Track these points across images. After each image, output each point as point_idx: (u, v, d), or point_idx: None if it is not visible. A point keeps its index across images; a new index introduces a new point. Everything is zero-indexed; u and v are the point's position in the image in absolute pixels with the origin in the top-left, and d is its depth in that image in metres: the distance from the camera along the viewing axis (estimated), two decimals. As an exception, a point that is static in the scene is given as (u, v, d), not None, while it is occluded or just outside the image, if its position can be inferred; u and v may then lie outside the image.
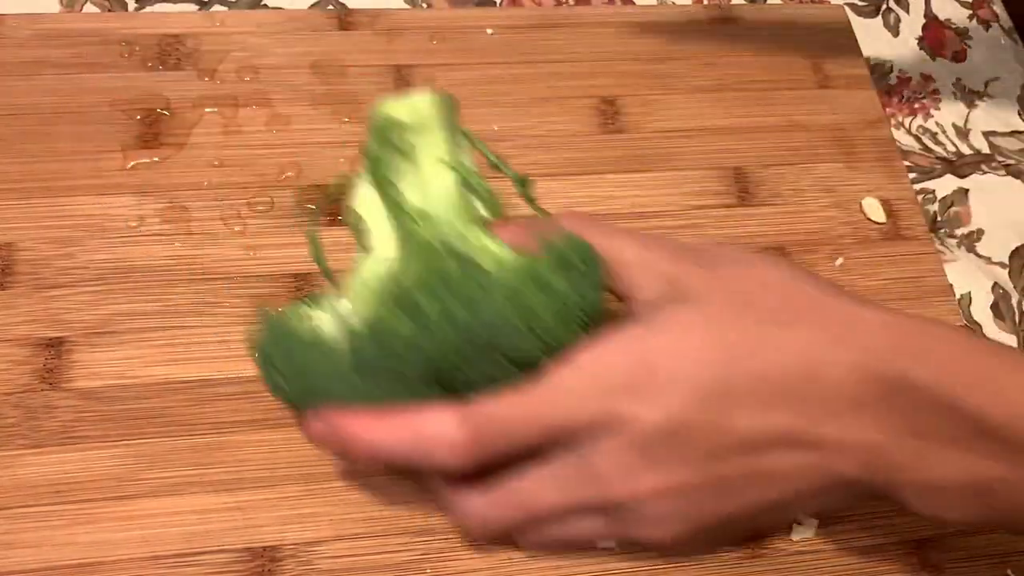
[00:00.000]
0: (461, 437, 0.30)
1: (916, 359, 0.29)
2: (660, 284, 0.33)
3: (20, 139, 0.47)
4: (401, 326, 0.30)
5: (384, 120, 0.36)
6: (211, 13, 0.53)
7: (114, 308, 0.44)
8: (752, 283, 0.32)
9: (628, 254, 0.33)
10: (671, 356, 0.31)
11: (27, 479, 0.39)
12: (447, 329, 0.30)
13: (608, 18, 0.57)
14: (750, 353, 0.30)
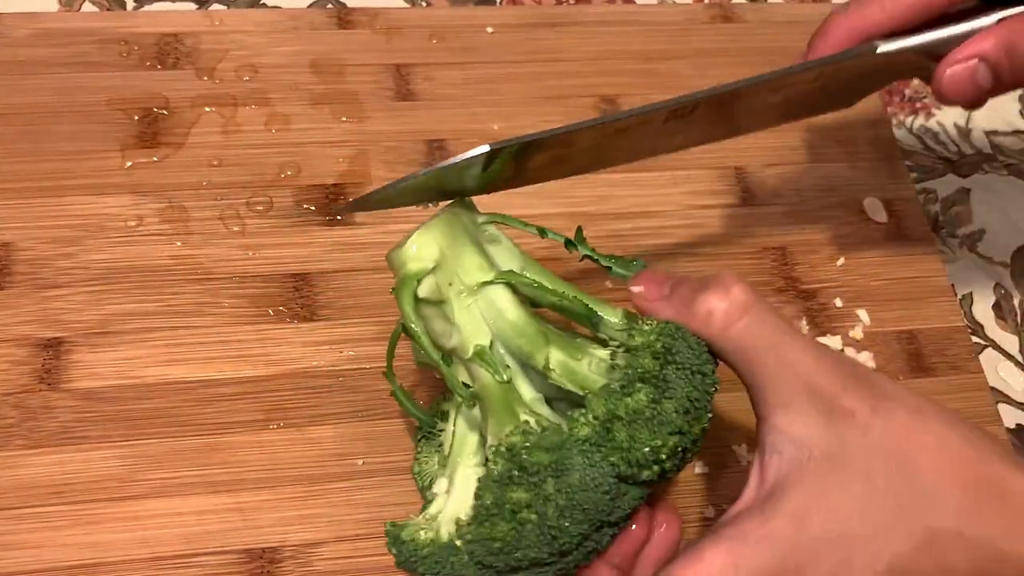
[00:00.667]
0: None
1: None
2: (809, 408, 0.28)
3: (18, 138, 0.47)
4: (497, 529, 0.30)
5: (406, 277, 0.33)
6: (210, 12, 0.53)
7: (113, 308, 0.43)
8: (920, 445, 0.28)
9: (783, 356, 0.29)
10: (827, 557, 0.27)
11: (26, 480, 0.39)
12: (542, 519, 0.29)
13: (608, 17, 0.56)
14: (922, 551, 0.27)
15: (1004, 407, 0.47)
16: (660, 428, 0.29)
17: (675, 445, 0.30)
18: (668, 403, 0.29)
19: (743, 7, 0.58)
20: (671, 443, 0.29)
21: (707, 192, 0.51)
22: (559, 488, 0.29)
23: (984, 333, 0.49)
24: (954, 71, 0.36)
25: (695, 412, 0.30)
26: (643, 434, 0.29)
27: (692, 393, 0.30)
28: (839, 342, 0.47)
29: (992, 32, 0.36)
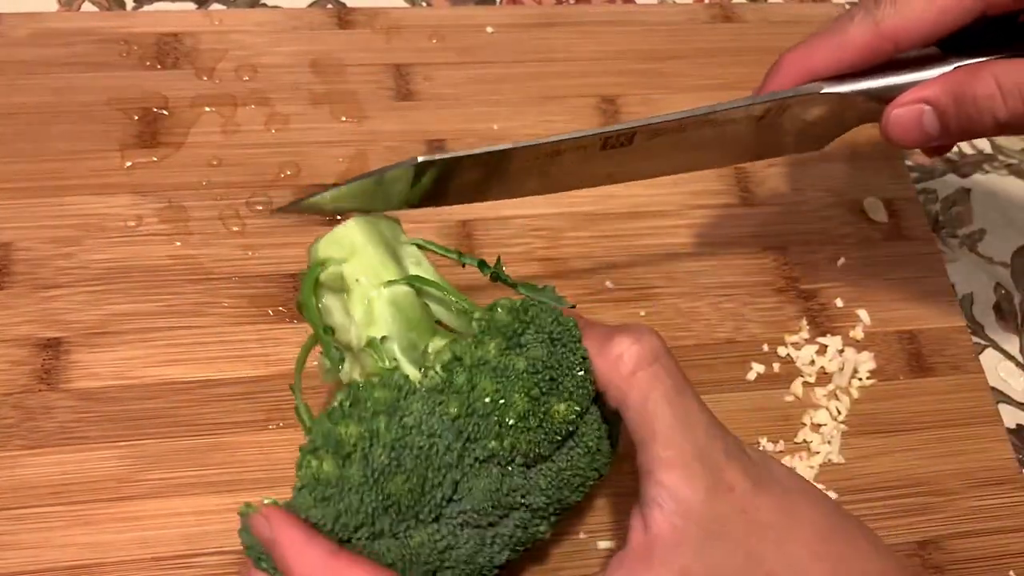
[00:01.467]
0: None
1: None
2: (698, 472, 0.28)
3: (18, 138, 0.47)
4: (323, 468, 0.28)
5: (314, 263, 0.34)
6: (209, 12, 0.53)
7: (112, 308, 0.43)
8: (795, 523, 0.29)
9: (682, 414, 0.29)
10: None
11: (26, 480, 0.39)
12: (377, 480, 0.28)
13: (609, 17, 0.56)
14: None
15: (1004, 407, 0.47)
16: (505, 380, 0.28)
17: (523, 410, 0.28)
18: (518, 359, 0.28)
19: (743, 7, 0.58)
20: (517, 403, 0.28)
21: (707, 192, 0.51)
22: (389, 426, 0.28)
23: (984, 333, 0.49)
24: (899, 113, 0.36)
25: (550, 382, 0.28)
26: (485, 382, 0.28)
27: (548, 359, 0.28)
28: (839, 342, 0.47)
29: (942, 78, 0.35)
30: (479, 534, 0.29)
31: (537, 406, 0.28)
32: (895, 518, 0.43)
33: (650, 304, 0.47)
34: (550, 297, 0.33)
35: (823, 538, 0.29)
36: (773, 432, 0.44)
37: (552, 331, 0.29)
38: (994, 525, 0.43)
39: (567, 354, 0.29)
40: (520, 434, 0.28)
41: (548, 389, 0.28)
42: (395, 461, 0.27)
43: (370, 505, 0.28)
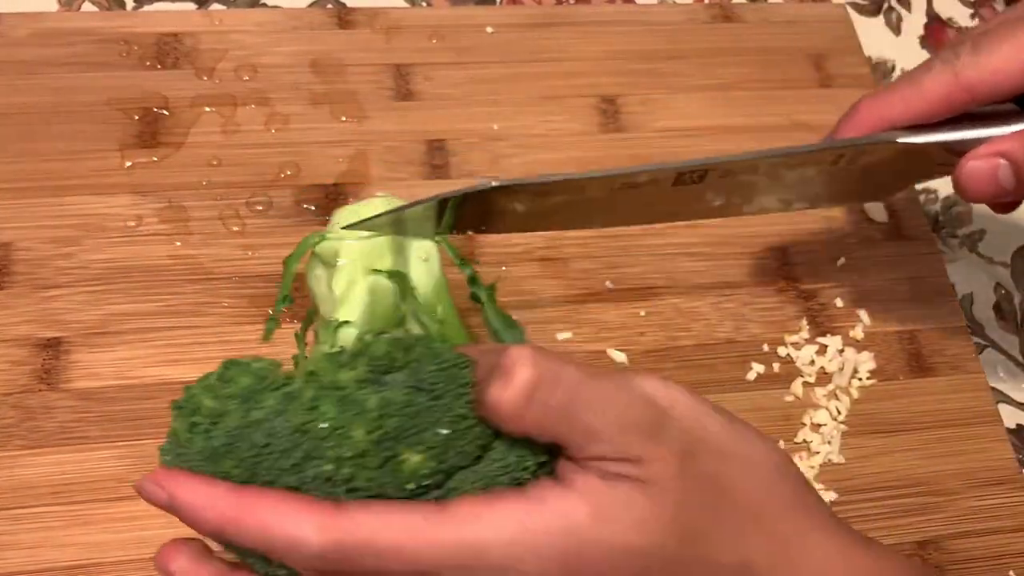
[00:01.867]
0: (317, 546, 0.25)
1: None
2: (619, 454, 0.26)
3: (18, 138, 0.47)
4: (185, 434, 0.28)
5: (320, 234, 0.34)
6: (209, 12, 0.53)
7: (112, 308, 0.43)
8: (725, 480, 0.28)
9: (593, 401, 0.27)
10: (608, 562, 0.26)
11: (25, 480, 0.39)
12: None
13: (609, 17, 0.56)
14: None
15: (1004, 407, 0.47)
16: (349, 414, 0.26)
17: (362, 449, 0.26)
18: (371, 397, 0.26)
19: (743, 7, 0.58)
20: (357, 440, 0.26)
21: (707, 192, 0.51)
22: (236, 413, 0.27)
23: (984, 333, 0.49)
24: (975, 165, 0.35)
25: (400, 430, 0.26)
26: (328, 407, 0.26)
27: (405, 408, 0.26)
28: (839, 342, 0.47)
29: (1020, 134, 0.35)
30: None
31: (379, 449, 0.26)
32: (895, 518, 0.43)
33: (650, 304, 0.47)
34: (514, 338, 0.33)
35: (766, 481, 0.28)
36: (773, 432, 0.44)
37: (426, 379, 0.27)
38: (994, 525, 0.43)
39: (434, 408, 0.27)
40: (359, 470, 0.26)
41: (397, 436, 0.26)
42: (229, 447, 0.27)
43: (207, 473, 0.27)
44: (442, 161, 0.50)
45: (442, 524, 0.26)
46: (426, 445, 0.26)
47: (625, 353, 0.45)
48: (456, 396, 0.27)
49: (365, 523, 0.26)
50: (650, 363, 0.45)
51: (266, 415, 0.27)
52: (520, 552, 0.25)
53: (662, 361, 0.45)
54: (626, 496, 0.26)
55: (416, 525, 0.25)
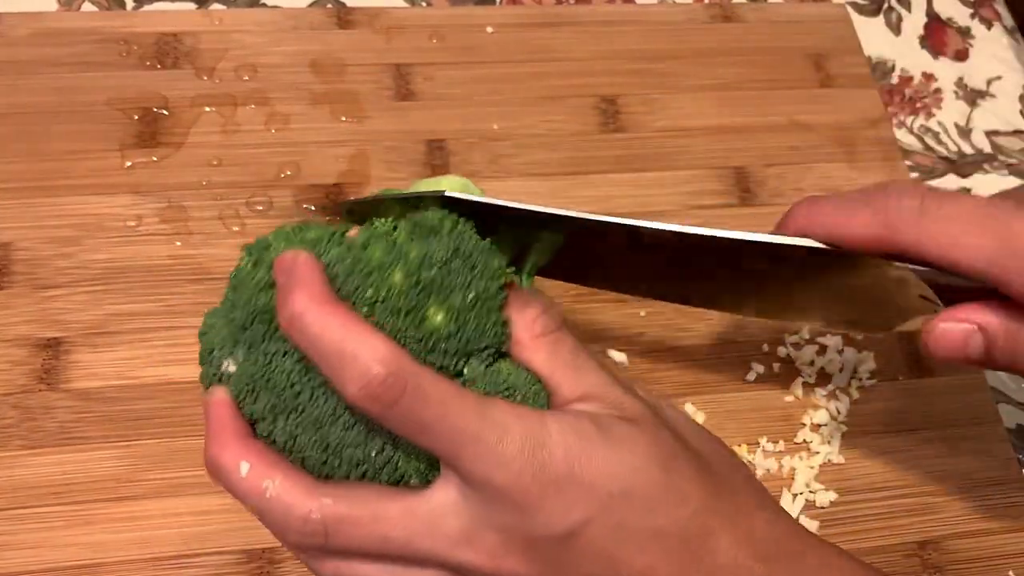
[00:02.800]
0: (383, 372, 0.26)
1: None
2: (610, 401, 0.29)
3: (17, 138, 0.47)
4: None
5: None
6: (209, 12, 0.53)
7: (112, 308, 0.43)
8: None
9: (588, 362, 0.30)
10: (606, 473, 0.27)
11: (25, 480, 0.39)
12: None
13: (608, 17, 0.56)
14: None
15: (1004, 407, 0.47)
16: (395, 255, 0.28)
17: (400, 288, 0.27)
18: (414, 246, 0.28)
19: (743, 7, 0.58)
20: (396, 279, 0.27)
21: (707, 191, 0.51)
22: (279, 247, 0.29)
23: (984, 333, 0.49)
24: (947, 328, 0.32)
25: (433, 284, 0.28)
26: (376, 248, 0.28)
27: (443, 266, 0.28)
28: (839, 342, 0.47)
29: (999, 306, 0.31)
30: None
31: (412, 296, 0.28)
32: (895, 518, 0.43)
33: (651, 304, 0.47)
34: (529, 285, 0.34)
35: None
36: (773, 432, 0.44)
37: (464, 250, 0.29)
38: (993, 525, 0.43)
39: (467, 275, 0.28)
40: (389, 315, 0.27)
41: (429, 288, 0.28)
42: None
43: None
44: (442, 161, 0.50)
45: (480, 402, 0.27)
46: (453, 306, 0.28)
47: (625, 353, 0.45)
48: (488, 271, 0.28)
49: (424, 372, 0.26)
50: (650, 363, 0.45)
51: (330, 260, 0.28)
52: (538, 447, 0.27)
53: (662, 361, 0.45)
54: (619, 421, 0.28)
55: (463, 393, 0.27)
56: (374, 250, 0.28)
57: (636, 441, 0.28)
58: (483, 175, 0.50)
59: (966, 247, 0.30)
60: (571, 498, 0.27)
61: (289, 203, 0.47)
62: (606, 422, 0.28)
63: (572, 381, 0.29)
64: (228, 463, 0.27)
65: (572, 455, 0.27)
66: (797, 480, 0.43)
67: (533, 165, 0.50)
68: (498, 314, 0.29)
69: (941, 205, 0.31)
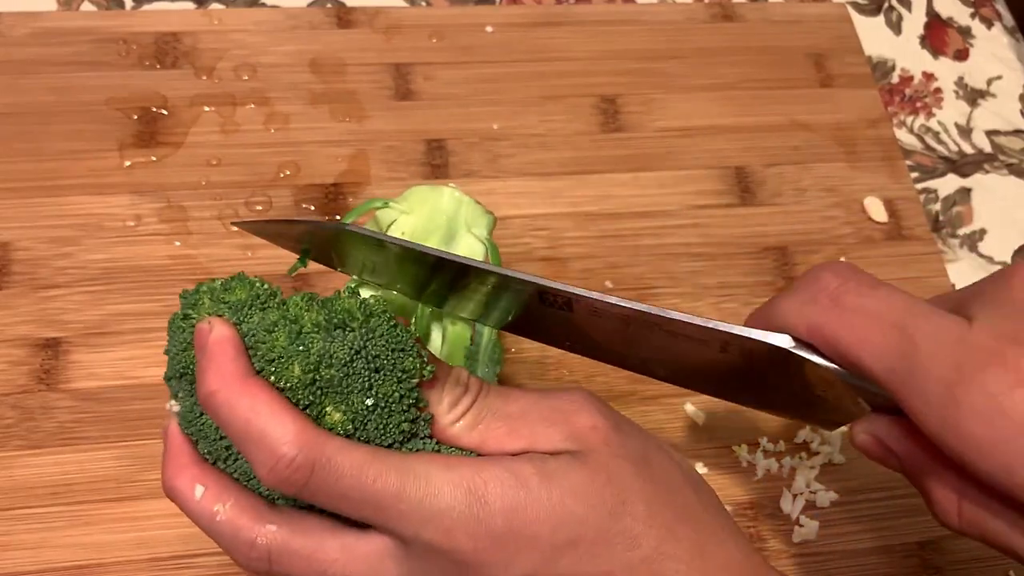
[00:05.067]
0: (290, 453, 0.25)
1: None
2: (558, 433, 0.28)
3: (17, 138, 0.47)
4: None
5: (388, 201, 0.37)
6: (209, 11, 0.53)
7: (112, 308, 0.43)
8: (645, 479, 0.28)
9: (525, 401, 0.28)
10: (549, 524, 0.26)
11: (24, 480, 0.39)
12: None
13: (608, 16, 0.56)
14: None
15: (1005, 407, 0.47)
16: (293, 347, 0.27)
17: (297, 381, 0.27)
18: (315, 341, 0.27)
19: (743, 6, 0.58)
20: (293, 371, 0.27)
21: (707, 192, 0.51)
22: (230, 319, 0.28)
23: (985, 333, 0.49)
24: (862, 439, 0.31)
25: (328, 383, 0.27)
26: (281, 335, 0.27)
27: (341, 367, 0.27)
28: (839, 342, 0.47)
29: (898, 423, 0.30)
30: None
31: (309, 392, 0.27)
32: (895, 518, 0.43)
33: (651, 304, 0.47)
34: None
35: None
36: (774, 432, 0.44)
37: (372, 350, 0.27)
38: (994, 525, 0.43)
39: (370, 378, 0.27)
40: (293, 393, 0.27)
41: (327, 387, 0.27)
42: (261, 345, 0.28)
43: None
44: (442, 160, 0.50)
45: (405, 460, 0.26)
46: (351, 407, 0.27)
47: (625, 353, 0.45)
48: (395, 373, 0.27)
49: (337, 444, 0.26)
50: (650, 363, 0.45)
51: (250, 328, 0.28)
52: (472, 502, 0.26)
53: (662, 361, 0.45)
54: (566, 463, 0.27)
55: (381, 457, 0.26)
56: (279, 336, 0.27)
57: (583, 486, 0.27)
58: (482, 174, 0.50)
59: (871, 347, 0.28)
60: (511, 552, 0.26)
61: (288, 203, 0.47)
62: (550, 468, 0.27)
63: (508, 442, 0.28)
64: (183, 486, 0.28)
65: (511, 506, 0.26)
66: (797, 480, 0.43)
67: (533, 164, 0.50)
68: (403, 415, 0.27)
69: (859, 292, 0.29)
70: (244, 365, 0.27)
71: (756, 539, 0.41)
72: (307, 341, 0.27)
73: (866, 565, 0.41)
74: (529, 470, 0.26)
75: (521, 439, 0.28)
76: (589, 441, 0.28)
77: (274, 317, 0.28)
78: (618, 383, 0.44)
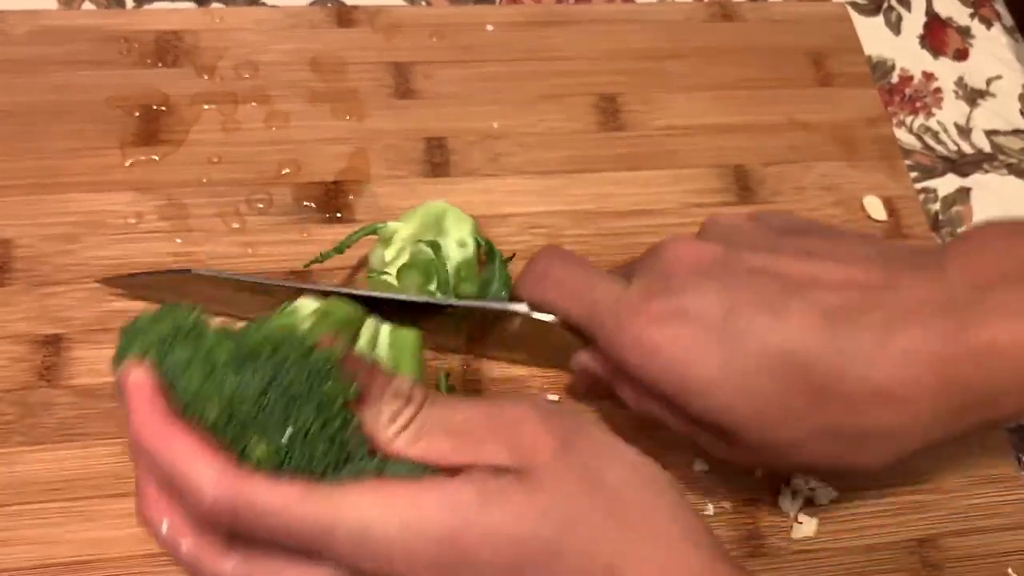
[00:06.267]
0: (210, 497, 0.26)
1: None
2: (502, 448, 0.28)
3: (18, 136, 0.47)
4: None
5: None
6: (210, 10, 0.53)
7: (113, 305, 0.43)
8: (599, 474, 0.28)
9: (471, 411, 0.29)
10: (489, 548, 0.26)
11: (25, 476, 0.39)
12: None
13: (608, 15, 0.56)
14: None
15: (1003, 406, 0.47)
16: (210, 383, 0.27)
17: (214, 419, 0.27)
18: (231, 377, 0.27)
19: (743, 6, 0.58)
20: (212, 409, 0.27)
21: (707, 190, 0.51)
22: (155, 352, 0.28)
23: (983, 332, 0.49)
24: (577, 364, 0.40)
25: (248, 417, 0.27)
26: (195, 375, 0.27)
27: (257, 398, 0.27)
28: (838, 340, 0.47)
29: (595, 353, 0.39)
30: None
31: (230, 428, 0.27)
32: (893, 516, 0.43)
33: (649, 302, 0.47)
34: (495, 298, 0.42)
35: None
36: (772, 430, 0.44)
37: (284, 380, 0.27)
38: (992, 523, 0.43)
39: (285, 409, 0.27)
40: (218, 437, 0.27)
41: (245, 423, 0.27)
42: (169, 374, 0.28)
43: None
44: (442, 159, 0.50)
45: (334, 495, 0.26)
46: (271, 441, 0.27)
47: (624, 351, 0.45)
48: (314, 398, 0.27)
49: (261, 483, 0.26)
50: (649, 361, 0.45)
51: (172, 364, 0.28)
52: (406, 531, 0.26)
53: (661, 359, 0.45)
54: (506, 486, 0.27)
55: (308, 494, 0.26)
56: (193, 374, 0.27)
57: (523, 507, 0.26)
58: (482, 173, 0.50)
59: (571, 306, 0.38)
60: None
61: (289, 200, 0.47)
62: (490, 490, 0.26)
63: (452, 457, 0.28)
64: (151, 519, 0.28)
65: (448, 534, 0.26)
66: (796, 478, 0.43)
67: (532, 163, 0.50)
68: (330, 442, 0.27)
69: (559, 268, 0.39)
70: (162, 408, 0.27)
71: (755, 537, 0.41)
72: (219, 377, 0.27)
73: (865, 562, 0.41)
74: (467, 495, 0.26)
75: (465, 455, 0.28)
76: (534, 457, 0.28)
77: (188, 354, 0.27)
78: (617, 381, 0.44)
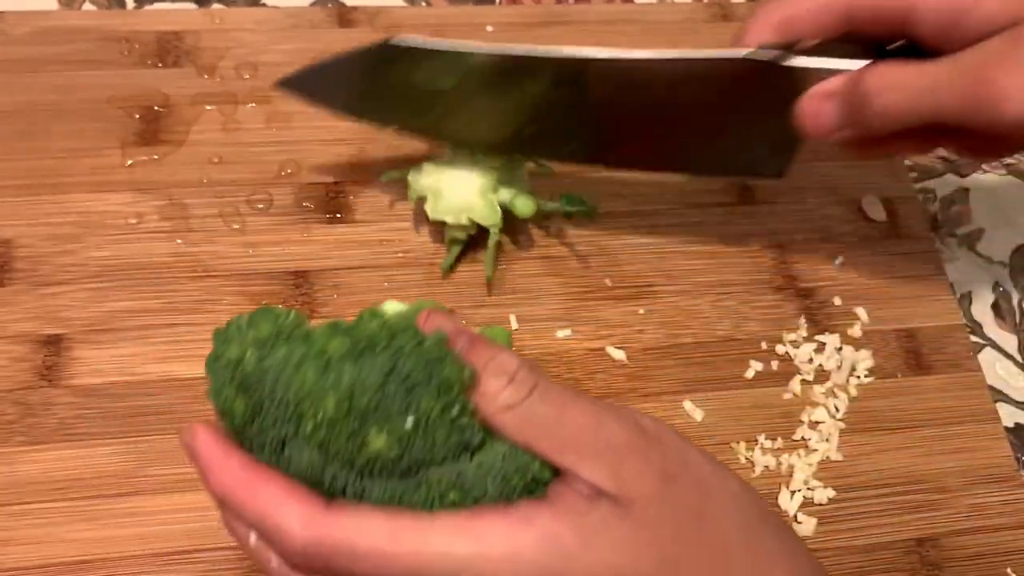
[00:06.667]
0: (299, 541, 0.26)
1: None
2: (604, 470, 0.27)
3: (19, 136, 0.47)
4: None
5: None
6: (210, 10, 0.53)
7: (113, 305, 0.44)
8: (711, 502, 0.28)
9: (579, 419, 0.27)
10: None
11: (26, 476, 0.39)
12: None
13: (607, 16, 0.56)
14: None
15: (1003, 406, 0.47)
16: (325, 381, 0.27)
17: (331, 416, 0.26)
18: (348, 369, 0.26)
19: (743, 6, 0.58)
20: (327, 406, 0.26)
21: (706, 191, 0.51)
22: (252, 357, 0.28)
23: (983, 332, 0.50)
24: (804, 104, 0.38)
25: (368, 409, 0.26)
26: (309, 370, 0.27)
27: (377, 389, 0.26)
28: (837, 340, 0.47)
29: (847, 74, 0.36)
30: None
31: (348, 422, 0.27)
32: (893, 515, 0.43)
33: (649, 302, 0.47)
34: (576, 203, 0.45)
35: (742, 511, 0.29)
36: (772, 430, 0.44)
37: (403, 369, 0.27)
38: (992, 523, 0.43)
39: (405, 397, 0.27)
40: (331, 436, 0.27)
41: (365, 415, 0.27)
42: (244, 387, 0.28)
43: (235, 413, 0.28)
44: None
45: (425, 534, 0.26)
46: (392, 431, 0.27)
47: (624, 351, 0.45)
48: (429, 392, 0.27)
49: (349, 525, 0.26)
50: (649, 360, 0.45)
51: (277, 364, 0.27)
52: (503, 569, 0.25)
53: (661, 359, 0.45)
54: (608, 516, 0.26)
55: (398, 535, 0.26)
56: (306, 372, 0.27)
57: (625, 542, 0.26)
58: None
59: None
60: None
61: (290, 201, 0.47)
62: (590, 524, 0.26)
63: (553, 455, 0.27)
64: (239, 532, 0.28)
65: (550, 572, 0.25)
66: (795, 477, 0.43)
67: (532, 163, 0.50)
68: (450, 427, 0.27)
69: None
70: (237, 460, 0.27)
71: (755, 536, 0.42)
72: (337, 371, 0.27)
73: (864, 562, 0.41)
74: (567, 535, 0.26)
75: (566, 460, 0.27)
76: (634, 489, 0.27)
77: (300, 351, 0.27)
78: (617, 381, 0.45)
